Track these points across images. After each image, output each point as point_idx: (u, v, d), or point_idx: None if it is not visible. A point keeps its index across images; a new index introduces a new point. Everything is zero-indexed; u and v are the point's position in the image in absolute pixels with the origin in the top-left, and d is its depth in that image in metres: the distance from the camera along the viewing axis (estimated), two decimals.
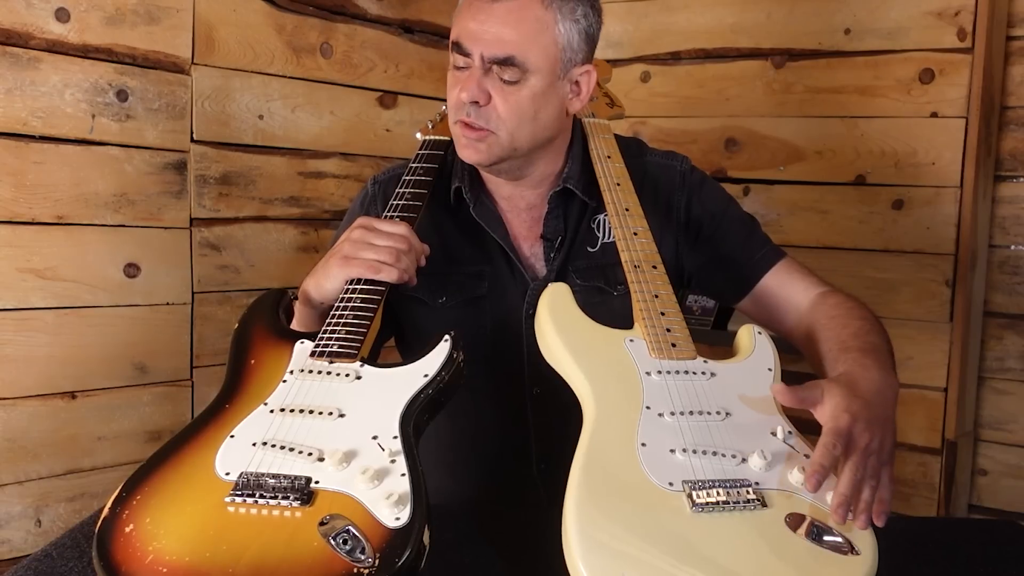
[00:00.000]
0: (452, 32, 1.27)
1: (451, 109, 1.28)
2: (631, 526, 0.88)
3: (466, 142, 1.27)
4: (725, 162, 2.25)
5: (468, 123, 1.25)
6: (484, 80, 1.23)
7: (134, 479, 0.95)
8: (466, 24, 1.24)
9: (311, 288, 1.23)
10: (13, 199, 1.65)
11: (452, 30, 1.28)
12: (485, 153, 1.26)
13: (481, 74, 1.23)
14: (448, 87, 1.29)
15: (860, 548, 0.88)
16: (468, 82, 1.23)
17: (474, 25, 1.23)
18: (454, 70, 1.28)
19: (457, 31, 1.26)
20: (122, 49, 1.77)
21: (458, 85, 1.25)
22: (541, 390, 1.32)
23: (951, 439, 2.00)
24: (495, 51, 1.22)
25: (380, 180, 1.44)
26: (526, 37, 1.22)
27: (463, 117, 1.25)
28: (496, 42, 1.22)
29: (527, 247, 1.37)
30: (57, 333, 1.72)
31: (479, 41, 1.23)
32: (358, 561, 0.84)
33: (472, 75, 1.24)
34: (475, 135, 1.25)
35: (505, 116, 1.24)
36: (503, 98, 1.24)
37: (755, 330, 1.16)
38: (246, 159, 1.97)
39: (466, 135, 1.26)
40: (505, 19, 1.22)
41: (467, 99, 1.23)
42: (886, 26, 2.04)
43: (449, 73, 1.30)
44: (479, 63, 1.23)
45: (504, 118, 1.24)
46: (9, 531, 1.68)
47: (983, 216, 2.00)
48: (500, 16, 1.22)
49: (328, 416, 1.02)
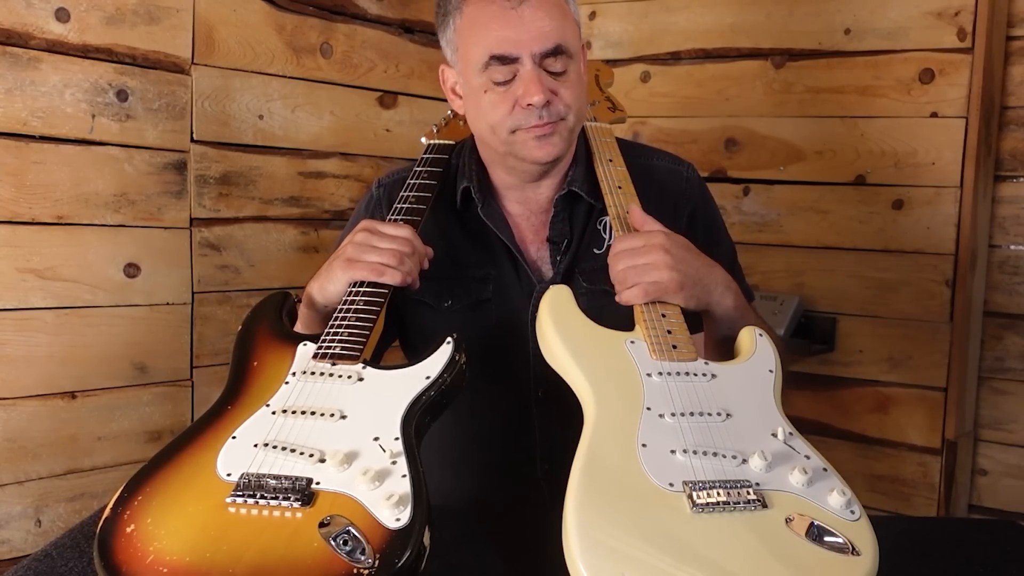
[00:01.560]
0: (475, 51, 1.24)
1: (509, 121, 1.25)
2: (631, 526, 0.88)
3: (539, 142, 1.25)
4: (725, 162, 2.25)
5: (539, 124, 1.24)
6: (544, 78, 1.23)
7: (135, 480, 0.95)
8: (500, 34, 1.22)
9: (315, 291, 1.23)
10: (13, 199, 1.65)
11: (470, 50, 1.25)
12: (559, 144, 1.27)
13: (538, 73, 1.23)
14: (488, 107, 1.25)
15: (861, 549, 0.88)
16: (532, 86, 1.22)
17: (511, 32, 1.22)
18: (493, 87, 1.25)
19: (489, 44, 1.23)
20: (122, 49, 1.77)
21: (509, 97, 1.23)
22: (546, 392, 1.32)
23: (951, 439, 2.01)
24: (545, 44, 1.22)
25: (385, 183, 1.44)
26: (560, 22, 1.24)
27: (535, 122, 1.24)
28: (542, 35, 1.22)
29: (533, 250, 1.37)
30: (57, 333, 1.72)
31: (524, 43, 1.22)
32: (358, 562, 0.84)
33: (532, 78, 1.22)
34: (548, 129, 1.25)
35: (570, 101, 1.25)
36: (562, 86, 1.25)
37: (756, 332, 1.16)
38: (246, 159, 1.97)
39: (539, 134, 1.25)
40: (539, 13, 1.22)
41: (541, 100, 1.22)
42: (886, 26, 2.04)
43: (481, 96, 1.26)
44: (531, 64, 1.22)
45: (570, 103, 1.25)
46: (9, 531, 1.69)
47: (983, 216, 2.00)
48: (533, 12, 1.22)
49: (330, 417, 1.02)
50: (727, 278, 1.24)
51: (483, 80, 1.25)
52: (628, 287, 1.17)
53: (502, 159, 1.33)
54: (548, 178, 1.35)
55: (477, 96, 1.27)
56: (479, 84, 1.26)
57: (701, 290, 1.19)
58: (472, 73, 1.26)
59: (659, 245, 1.17)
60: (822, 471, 0.96)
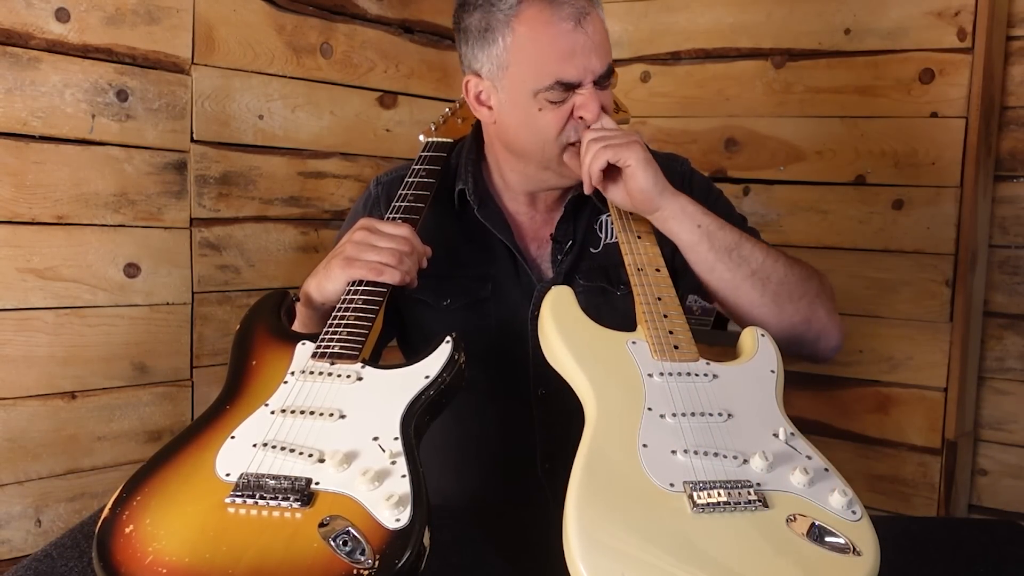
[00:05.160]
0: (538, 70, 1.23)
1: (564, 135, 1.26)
2: (632, 526, 0.88)
3: None
4: (725, 162, 2.25)
5: None
6: (600, 96, 1.26)
7: (134, 480, 0.95)
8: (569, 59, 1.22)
9: (313, 289, 1.23)
10: (13, 199, 1.65)
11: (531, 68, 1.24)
12: None
13: (597, 91, 1.25)
14: (543, 123, 1.25)
15: (862, 549, 0.88)
16: (592, 103, 1.24)
17: (579, 57, 1.22)
18: (549, 105, 1.25)
19: (557, 69, 1.22)
20: (122, 49, 1.77)
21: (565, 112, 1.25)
22: (546, 391, 1.32)
23: (951, 439, 2.00)
24: (603, 67, 1.25)
25: (383, 181, 1.44)
26: (606, 42, 1.27)
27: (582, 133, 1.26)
28: (601, 60, 1.25)
29: (534, 248, 1.37)
30: (57, 333, 1.72)
31: (588, 68, 1.23)
32: (358, 562, 0.84)
33: (591, 96, 1.24)
34: None
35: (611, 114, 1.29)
36: (608, 101, 1.29)
37: (758, 332, 1.16)
38: (246, 159, 1.97)
39: None
40: (597, 36, 1.25)
41: (595, 119, 1.25)
42: (886, 26, 2.04)
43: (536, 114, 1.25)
44: (591, 87, 1.24)
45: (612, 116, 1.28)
46: (9, 531, 1.68)
47: (983, 216, 2.00)
48: (593, 35, 1.24)
49: (329, 417, 1.02)
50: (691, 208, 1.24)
51: (539, 100, 1.25)
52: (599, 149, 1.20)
53: (536, 171, 1.32)
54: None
55: (528, 114, 1.26)
56: (534, 103, 1.25)
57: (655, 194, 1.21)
58: (525, 92, 1.25)
59: (638, 141, 1.21)
60: (823, 471, 0.96)
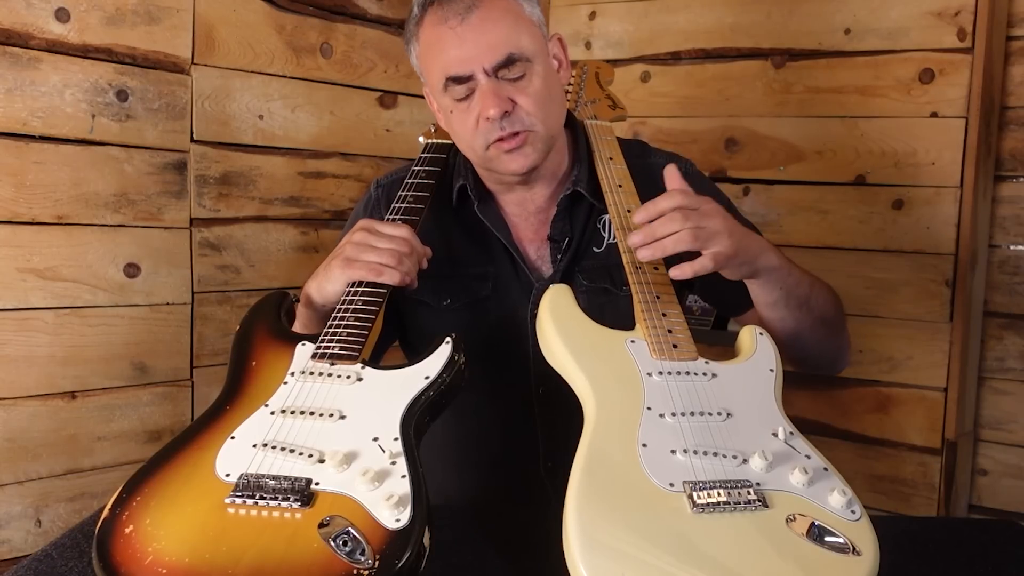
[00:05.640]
0: (434, 74, 1.26)
1: (478, 138, 1.26)
2: (631, 526, 0.88)
3: (510, 156, 1.26)
4: (725, 162, 2.25)
5: (504, 136, 1.24)
6: (499, 88, 1.23)
7: (134, 480, 0.95)
8: (450, 54, 1.23)
9: (313, 290, 1.23)
10: (13, 199, 1.65)
11: (431, 74, 1.28)
12: (533, 154, 1.27)
13: (494, 85, 1.23)
14: (458, 125, 1.28)
15: (861, 549, 0.88)
16: (487, 98, 1.22)
17: (459, 51, 1.23)
18: (456, 105, 1.26)
19: (443, 66, 1.24)
20: (122, 49, 1.77)
21: (472, 113, 1.25)
22: (546, 389, 1.32)
23: (951, 439, 2.00)
24: (495, 57, 1.22)
25: (383, 184, 1.44)
26: (510, 31, 1.23)
27: (498, 134, 1.24)
28: (490, 50, 1.22)
29: (533, 249, 1.37)
30: (57, 333, 1.72)
31: (473, 60, 1.22)
32: (358, 563, 0.84)
33: (486, 90, 1.23)
34: (516, 141, 1.25)
35: (533, 109, 1.25)
36: (524, 95, 1.24)
37: (757, 331, 1.16)
38: (246, 159, 1.97)
39: (508, 147, 1.25)
40: (483, 27, 1.22)
41: (496, 113, 1.22)
42: (886, 26, 2.04)
43: (450, 116, 1.28)
44: (484, 78, 1.23)
45: (533, 111, 1.25)
46: (9, 531, 1.68)
47: (983, 216, 2.00)
48: (478, 27, 1.22)
49: (329, 418, 1.02)
50: (766, 241, 1.24)
51: (447, 101, 1.27)
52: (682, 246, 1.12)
53: (487, 173, 1.35)
54: (540, 182, 1.35)
55: (447, 117, 1.30)
56: (446, 105, 1.28)
57: (750, 255, 1.18)
58: (437, 96, 1.29)
59: (715, 212, 1.15)
60: (823, 471, 0.96)
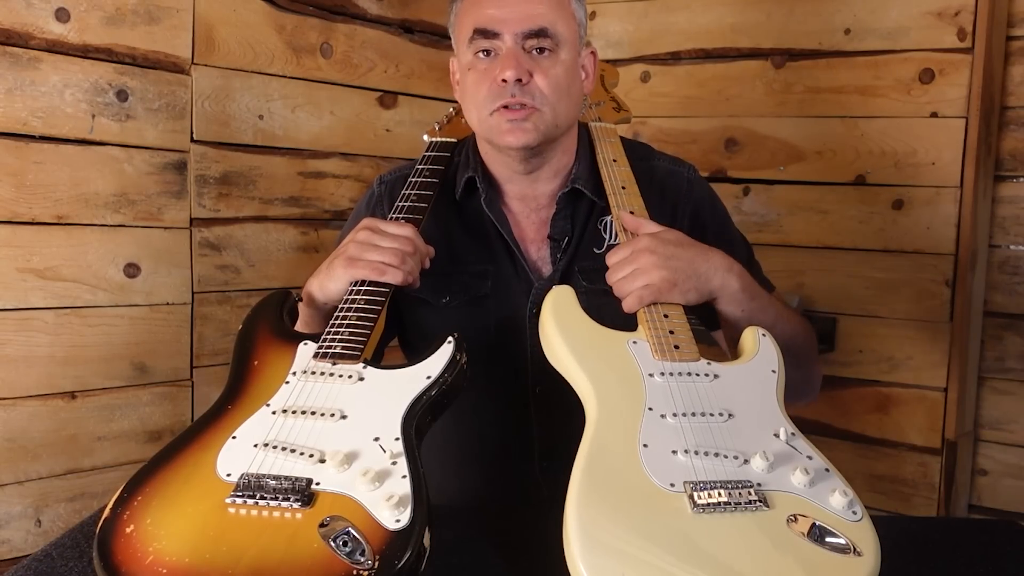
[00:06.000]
0: (464, 25, 1.27)
1: (487, 99, 1.25)
2: (632, 526, 0.88)
3: (511, 126, 1.25)
4: (725, 162, 2.25)
5: (511, 104, 1.23)
6: (522, 56, 1.23)
7: (135, 480, 0.95)
8: (486, 10, 1.24)
9: (315, 289, 1.23)
10: (13, 199, 1.65)
11: (462, 25, 1.28)
12: (532, 132, 1.25)
13: (518, 51, 1.23)
14: (472, 84, 1.27)
15: (862, 549, 0.88)
16: (508, 61, 1.22)
17: (496, 10, 1.23)
18: (476, 62, 1.26)
19: (475, 20, 1.25)
20: (122, 49, 1.77)
21: (489, 74, 1.24)
22: (543, 389, 1.32)
23: (951, 439, 2.01)
24: (529, 25, 1.23)
25: (386, 180, 1.44)
26: (552, 9, 1.25)
27: (507, 99, 1.23)
28: (527, 17, 1.23)
29: (534, 249, 1.37)
30: (57, 333, 1.72)
31: (509, 21, 1.23)
32: (358, 563, 0.84)
33: (510, 54, 1.23)
34: (521, 114, 1.24)
35: (547, 91, 1.24)
36: (543, 73, 1.24)
37: (759, 332, 1.16)
38: (246, 159, 1.97)
39: (511, 117, 1.24)
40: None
41: (513, 76, 1.21)
42: (886, 26, 2.04)
43: (467, 75, 1.28)
44: (513, 42, 1.23)
45: (547, 93, 1.24)
46: (9, 531, 1.68)
47: (983, 216, 2.00)
48: None
49: (330, 417, 1.02)
50: (728, 261, 1.21)
51: (468, 56, 1.27)
52: (624, 297, 1.17)
53: (489, 150, 1.35)
54: (542, 174, 1.35)
55: (464, 76, 1.29)
56: (467, 62, 1.28)
57: (699, 280, 1.18)
58: (462, 51, 1.29)
59: (644, 248, 1.17)
60: (824, 471, 0.96)
